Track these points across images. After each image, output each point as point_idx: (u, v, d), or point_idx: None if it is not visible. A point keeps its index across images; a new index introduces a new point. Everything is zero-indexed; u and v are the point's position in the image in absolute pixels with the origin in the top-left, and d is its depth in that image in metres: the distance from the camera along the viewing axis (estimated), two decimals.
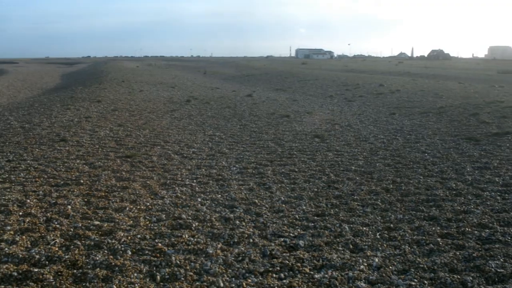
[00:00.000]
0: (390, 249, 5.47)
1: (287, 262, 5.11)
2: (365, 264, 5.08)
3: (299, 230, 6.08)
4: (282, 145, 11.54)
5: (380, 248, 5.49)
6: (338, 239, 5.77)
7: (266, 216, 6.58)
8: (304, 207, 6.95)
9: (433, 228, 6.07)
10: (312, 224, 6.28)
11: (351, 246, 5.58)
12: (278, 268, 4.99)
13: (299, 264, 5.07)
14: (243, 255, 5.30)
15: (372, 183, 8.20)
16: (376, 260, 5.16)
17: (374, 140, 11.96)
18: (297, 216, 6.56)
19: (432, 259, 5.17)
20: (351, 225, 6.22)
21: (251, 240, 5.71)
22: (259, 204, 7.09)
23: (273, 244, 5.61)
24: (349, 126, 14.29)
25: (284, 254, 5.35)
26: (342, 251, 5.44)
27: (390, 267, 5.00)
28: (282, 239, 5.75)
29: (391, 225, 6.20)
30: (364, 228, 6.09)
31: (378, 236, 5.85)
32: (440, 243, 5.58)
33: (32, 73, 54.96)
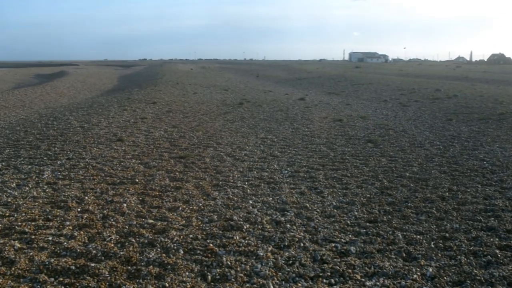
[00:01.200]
0: (445, 259, 5.31)
1: (338, 268, 5.07)
2: (419, 273, 4.95)
3: (350, 236, 6.01)
4: (335, 149, 11.44)
5: (434, 258, 5.34)
6: (390, 247, 5.66)
7: (317, 220, 6.55)
8: (356, 213, 6.86)
9: (491, 239, 5.85)
10: (364, 230, 6.19)
11: (404, 255, 5.46)
12: (329, 274, 4.95)
13: (350, 271, 5.01)
14: (294, 259, 5.29)
15: (427, 190, 7.98)
16: (430, 270, 5.02)
17: (429, 147, 11.65)
18: (348, 222, 6.49)
19: (489, 272, 4.98)
20: (405, 233, 6.09)
21: (301, 244, 5.69)
22: (310, 208, 7.06)
23: (324, 249, 5.57)
24: (403, 132, 13.98)
25: (335, 259, 5.30)
26: (395, 259, 5.33)
27: (445, 278, 4.86)
28: (333, 245, 5.70)
29: (447, 235, 6.02)
30: (418, 237, 5.95)
31: (433, 245, 5.70)
32: (499, 255, 5.38)
33: (91, 74, 56.90)
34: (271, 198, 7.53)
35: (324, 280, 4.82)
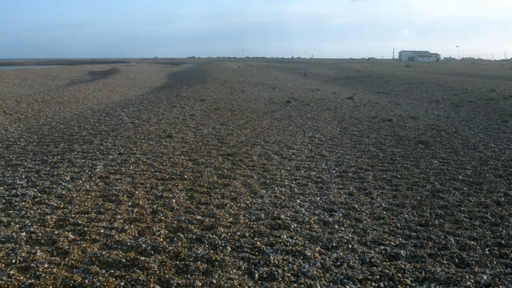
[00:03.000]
0: (500, 267, 5.10)
1: (387, 271, 4.95)
2: (472, 280, 4.78)
3: (400, 239, 5.87)
4: (384, 150, 11.22)
5: (489, 265, 5.14)
6: (442, 252, 5.49)
7: (366, 222, 6.43)
8: (407, 216, 6.70)
9: None
10: (415, 233, 6.03)
11: (456, 260, 5.28)
12: (378, 277, 4.85)
13: (400, 275, 4.89)
14: (342, 260, 5.21)
15: (481, 194, 7.70)
16: (485, 277, 4.83)
17: (484, 149, 11.24)
18: (398, 225, 6.34)
19: None
20: (457, 238, 5.89)
21: (350, 246, 5.61)
22: (359, 209, 6.94)
23: (373, 252, 5.46)
24: (456, 133, 13.55)
25: (384, 262, 5.19)
26: (447, 265, 5.16)
27: (501, 287, 4.66)
28: (382, 247, 5.58)
29: (502, 241, 5.78)
30: (472, 242, 5.74)
31: (487, 252, 5.48)
32: None
33: (141, 72, 58.11)
34: (319, 198, 7.46)
35: (373, 284, 4.73)
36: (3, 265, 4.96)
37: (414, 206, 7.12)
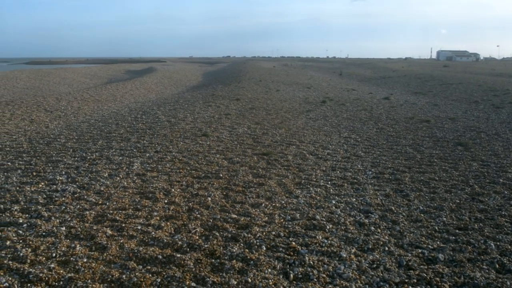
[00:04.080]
0: None
1: (425, 275, 4.86)
2: None
3: (438, 242, 5.75)
4: (422, 151, 11.01)
5: None
6: (482, 257, 5.35)
7: (403, 224, 6.33)
8: (445, 219, 6.55)
9: None
10: (453, 237, 5.89)
11: (497, 266, 5.14)
12: (415, 281, 4.77)
13: (438, 279, 4.79)
14: (378, 262, 5.15)
15: None
16: None
17: None
18: (436, 228, 6.21)
19: None
20: (498, 243, 5.73)
21: (386, 248, 5.53)
22: (395, 211, 6.84)
23: (410, 255, 5.37)
24: (496, 135, 13.18)
25: (421, 266, 5.10)
26: (487, 270, 5.03)
27: None
28: (419, 250, 5.48)
29: None
30: None
31: None
32: None
33: (177, 71, 58.81)
34: (354, 199, 7.38)
35: (410, 287, 4.65)
36: (44, 258, 5.10)
37: (453, 209, 6.96)
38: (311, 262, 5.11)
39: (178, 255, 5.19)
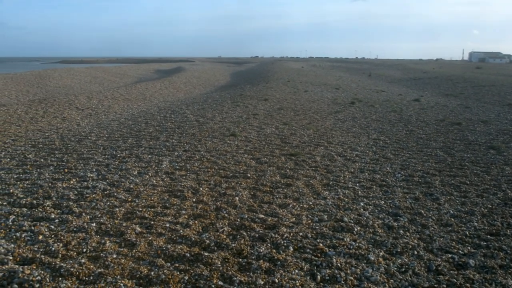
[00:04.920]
0: None
1: (455, 280, 4.78)
2: None
3: (469, 248, 5.64)
4: (452, 154, 10.81)
5: None
6: None
7: (432, 228, 6.23)
8: (476, 224, 6.42)
9: None
10: (485, 243, 5.77)
11: None
12: (445, 286, 4.69)
13: (468, 285, 4.71)
14: (407, 266, 5.08)
15: None
16: None
17: None
18: (467, 233, 6.09)
19: None
20: None
21: (415, 252, 5.45)
22: (425, 215, 6.73)
23: (439, 259, 5.28)
24: None
25: (451, 271, 5.01)
26: None
27: None
28: (449, 255, 5.39)
29: None
30: None
31: None
32: None
33: (206, 71, 59.18)
34: (383, 202, 7.30)
35: None
36: (75, 253, 5.20)
37: (484, 214, 6.82)
38: (339, 264, 5.08)
39: (206, 254, 5.23)
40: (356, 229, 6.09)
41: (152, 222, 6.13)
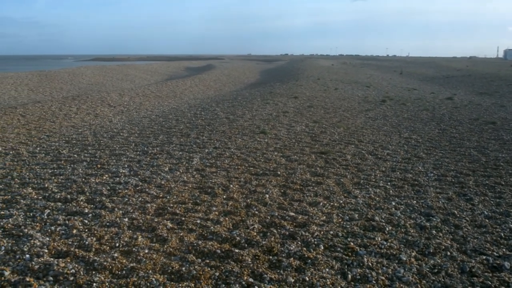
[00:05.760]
0: None
1: (489, 283, 4.68)
2: None
3: (504, 250, 5.50)
4: (487, 154, 10.57)
5: None
6: None
7: (466, 229, 6.10)
8: (511, 225, 6.26)
9: None
10: None
11: None
12: None
13: None
14: (439, 267, 4.99)
15: None
16: None
17: None
18: (502, 234, 5.95)
19: None
20: None
21: (448, 253, 5.35)
22: (458, 215, 6.61)
23: (473, 261, 5.18)
24: None
25: (486, 273, 4.90)
26: None
27: None
28: (484, 257, 5.27)
29: None
30: None
31: None
32: None
33: (236, 68, 59.32)
34: (415, 201, 7.19)
35: None
36: (108, 247, 5.29)
37: None
38: (370, 264, 5.03)
39: (236, 251, 5.25)
40: (387, 229, 6.02)
41: (183, 218, 6.19)
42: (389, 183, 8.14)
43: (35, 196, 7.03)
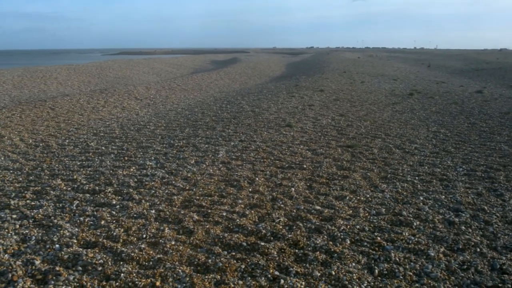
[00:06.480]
0: None
1: None
2: None
3: None
4: None
5: None
6: None
7: (496, 225, 5.98)
8: None
9: None
10: None
11: None
12: (509, 286, 4.49)
13: None
14: (469, 264, 4.90)
15: None
16: None
17: None
18: None
19: None
20: None
21: (478, 249, 5.25)
22: (488, 211, 6.47)
23: (504, 258, 5.06)
24: None
25: None
26: None
27: None
28: None
29: None
30: None
31: None
32: None
33: (261, 61, 59.22)
34: (443, 196, 7.07)
35: None
36: (135, 239, 5.35)
37: None
38: (397, 259, 4.97)
39: (262, 244, 5.25)
40: (415, 224, 5.93)
41: (209, 211, 6.21)
42: (416, 178, 8.03)
43: (64, 188, 7.16)
